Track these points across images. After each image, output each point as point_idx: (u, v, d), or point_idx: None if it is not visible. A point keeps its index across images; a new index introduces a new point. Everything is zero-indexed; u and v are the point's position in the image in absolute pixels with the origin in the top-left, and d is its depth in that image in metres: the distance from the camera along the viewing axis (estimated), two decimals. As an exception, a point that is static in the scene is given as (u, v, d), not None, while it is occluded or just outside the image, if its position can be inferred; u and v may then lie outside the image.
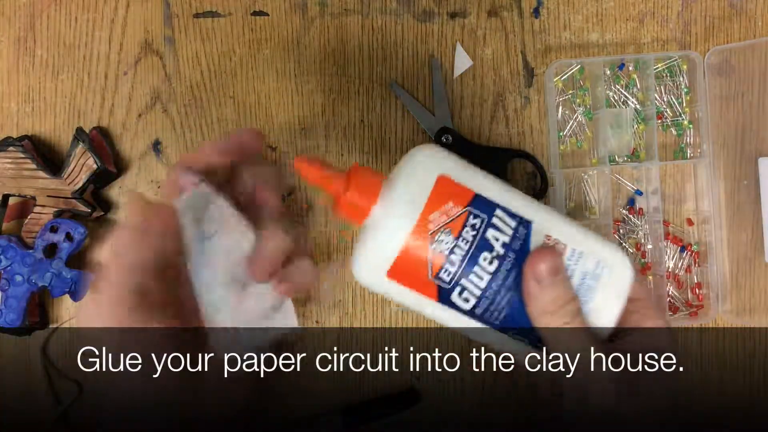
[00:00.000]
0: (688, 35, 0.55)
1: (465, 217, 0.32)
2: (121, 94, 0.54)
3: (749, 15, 0.55)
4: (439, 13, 0.54)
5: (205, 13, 0.54)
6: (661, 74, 0.54)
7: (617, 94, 0.54)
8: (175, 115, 0.54)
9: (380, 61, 0.54)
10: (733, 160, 0.54)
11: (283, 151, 0.54)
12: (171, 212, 0.32)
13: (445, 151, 0.35)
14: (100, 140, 0.53)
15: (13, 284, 0.50)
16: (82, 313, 0.37)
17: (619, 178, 0.55)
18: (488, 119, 0.54)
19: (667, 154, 0.55)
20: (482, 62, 0.54)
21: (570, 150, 0.54)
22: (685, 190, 0.55)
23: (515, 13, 0.54)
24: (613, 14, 0.55)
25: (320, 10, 0.54)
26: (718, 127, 0.54)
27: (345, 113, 0.54)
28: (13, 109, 0.54)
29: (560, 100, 0.54)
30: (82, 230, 0.50)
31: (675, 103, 0.54)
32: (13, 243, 0.50)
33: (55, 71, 0.54)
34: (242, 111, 0.54)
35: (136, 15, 0.54)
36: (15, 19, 0.54)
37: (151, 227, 0.32)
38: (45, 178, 0.51)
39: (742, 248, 0.54)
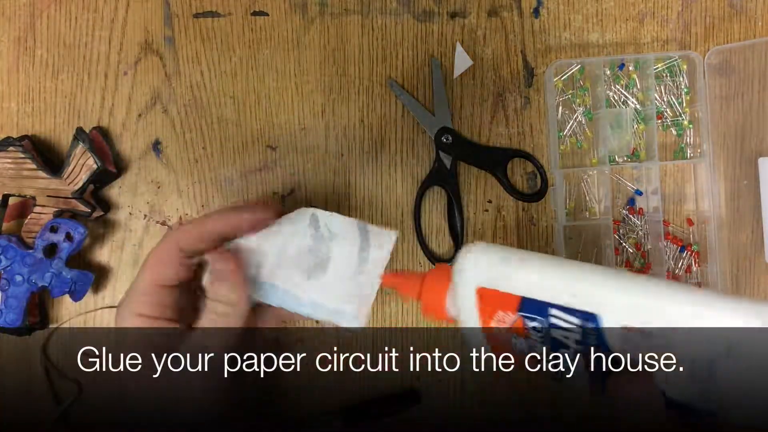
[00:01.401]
0: (688, 35, 0.55)
1: (521, 322, 0.30)
2: (121, 94, 0.54)
3: (749, 15, 0.55)
4: (439, 13, 0.54)
5: (205, 13, 0.54)
6: (661, 74, 0.54)
7: (617, 94, 0.54)
8: (175, 115, 0.54)
9: (380, 61, 0.54)
10: (733, 160, 0.54)
11: (283, 151, 0.54)
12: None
13: (489, 250, 0.32)
14: (100, 140, 0.53)
15: (13, 284, 0.50)
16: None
17: (619, 178, 0.55)
18: (488, 119, 0.54)
19: (667, 154, 0.55)
20: (482, 62, 0.54)
21: (570, 150, 0.54)
22: (685, 190, 0.55)
23: (515, 13, 0.54)
24: (613, 14, 0.55)
25: (320, 10, 0.54)
26: (718, 127, 0.54)
27: (345, 113, 0.54)
28: (13, 109, 0.54)
29: (560, 100, 0.54)
30: (82, 230, 0.50)
31: (675, 103, 0.54)
32: (13, 243, 0.50)
33: (55, 71, 0.54)
34: (242, 111, 0.54)
35: (136, 15, 0.54)
36: (15, 19, 0.54)
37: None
38: (45, 178, 0.51)
39: (742, 248, 0.54)
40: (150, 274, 0.38)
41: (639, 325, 0.27)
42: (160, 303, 0.37)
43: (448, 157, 0.53)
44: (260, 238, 0.39)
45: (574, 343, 0.29)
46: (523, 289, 0.30)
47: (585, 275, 0.30)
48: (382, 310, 0.54)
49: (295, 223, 0.40)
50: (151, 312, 0.36)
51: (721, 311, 0.26)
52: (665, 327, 0.27)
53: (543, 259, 0.32)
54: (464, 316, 0.33)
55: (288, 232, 0.40)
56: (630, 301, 0.28)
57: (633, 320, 0.27)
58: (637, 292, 0.28)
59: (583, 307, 0.29)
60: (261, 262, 0.39)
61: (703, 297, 0.27)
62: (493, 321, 0.31)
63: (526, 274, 0.31)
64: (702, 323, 0.26)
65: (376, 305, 0.54)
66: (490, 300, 0.31)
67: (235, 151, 0.54)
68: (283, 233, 0.40)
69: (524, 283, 0.30)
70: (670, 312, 0.27)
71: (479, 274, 0.32)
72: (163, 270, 0.38)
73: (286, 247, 0.39)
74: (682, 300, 0.27)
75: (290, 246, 0.39)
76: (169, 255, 0.38)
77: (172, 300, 0.38)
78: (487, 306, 0.31)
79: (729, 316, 0.26)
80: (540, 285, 0.30)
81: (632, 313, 0.28)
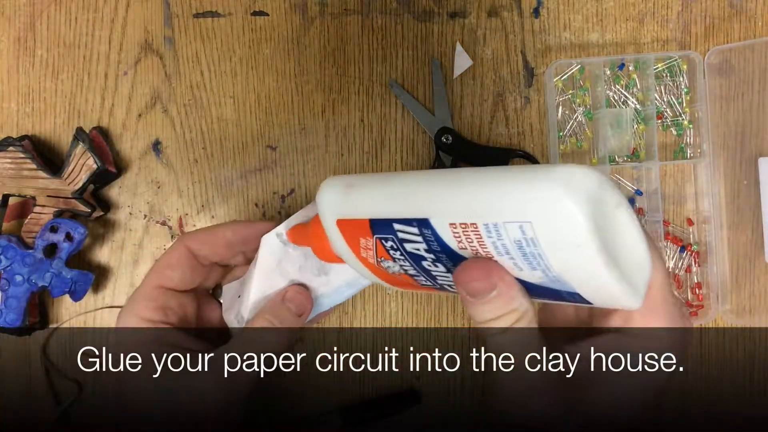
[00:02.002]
0: (688, 35, 0.55)
1: (380, 244, 0.30)
2: (121, 94, 0.54)
3: (749, 15, 0.55)
4: (439, 13, 0.54)
5: (205, 13, 0.54)
6: (661, 74, 0.54)
7: (617, 94, 0.54)
8: (175, 115, 0.54)
9: (380, 61, 0.54)
10: (733, 160, 0.54)
11: (283, 151, 0.54)
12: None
13: (338, 182, 0.32)
14: (100, 140, 0.53)
15: (13, 284, 0.50)
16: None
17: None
18: (488, 119, 0.54)
19: (667, 154, 0.55)
20: (482, 62, 0.54)
21: (570, 150, 0.54)
22: (685, 190, 0.55)
23: (515, 13, 0.54)
24: (613, 14, 0.55)
25: (320, 10, 0.54)
26: (718, 127, 0.54)
27: (345, 113, 0.54)
28: (13, 109, 0.54)
29: (560, 100, 0.54)
30: (82, 230, 0.50)
31: (675, 103, 0.54)
32: (13, 243, 0.50)
33: (55, 71, 0.54)
34: (242, 111, 0.54)
35: (136, 15, 0.54)
36: (15, 19, 0.54)
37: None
38: (45, 178, 0.51)
39: (742, 248, 0.54)
40: (156, 276, 0.38)
41: (460, 220, 0.27)
42: (162, 306, 0.37)
43: (448, 157, 0.53)
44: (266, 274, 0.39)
45: (426, 252, 0.29)
46: (367, 211, 0.30)
47: (414, 183, 0.30)
48: (382, 310, 0.54)
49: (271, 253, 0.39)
50: (152, 315, 0.36)
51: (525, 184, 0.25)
52: (481, 213, 0.26)
53: (382, 178, 0.32)
54: (340, 251, 0.33)
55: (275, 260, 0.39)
56: (449, 198, 0.28)
57: (455, 217, 0.27)
58: (456, 186, 0.28)
59: (414, 214, 0.28)
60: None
61: (505, 172, 0.27)
62: (361, 249, 0.31)
63: (367, 195, 0.31)
64: (506, 199, 0.25)
65: (376, 305, 0.54)
66: (349, 230, 0.31)
67: (235, 151, 0.54)
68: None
69: (367, 205, 0.31)
70: (481, 198, 0.26)
71: (333, 207, 0.32)
72: (169, 273, 0.38)
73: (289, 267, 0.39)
74: (487, 182, 0.27)
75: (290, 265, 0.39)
76: (178, 258, 0.38)
77: (176, 304, 0.38)
78: (350, 237, 0.31)
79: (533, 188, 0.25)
80: (380, 203, 0.30)
81: (453, 209, 0.27)
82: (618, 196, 0.26)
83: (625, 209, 0.26)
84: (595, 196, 0.25)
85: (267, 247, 0.38)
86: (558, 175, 0.24)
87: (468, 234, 0.27)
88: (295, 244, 0.38)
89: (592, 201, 0.24)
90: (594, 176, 0.25)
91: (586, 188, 0.24)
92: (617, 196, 0.26)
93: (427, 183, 0.29)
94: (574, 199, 0.24)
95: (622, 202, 0.26)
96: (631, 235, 0.27)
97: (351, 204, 0.31)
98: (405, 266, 0.31)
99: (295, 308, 0.37)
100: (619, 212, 0.26)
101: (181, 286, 0.38)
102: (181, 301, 0.38)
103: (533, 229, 0.25)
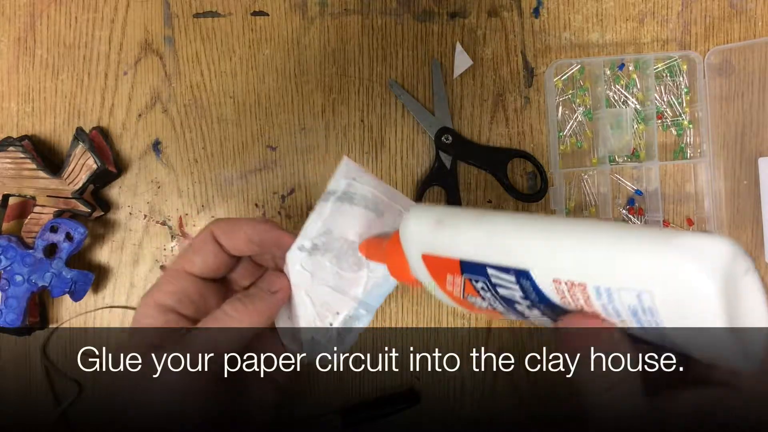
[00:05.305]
0: (688, 35, 0.55)
1: (469, 283, 0.29)
2: (121, 94, 0.54)
3: (749, 15, 0.55)
4: (439, 13, 0.54)
5: (205, 13, 0.54)
6: (661, 74, 0.54)
7: (617, 94, 0.54)
8: (175, 115, 0.54)
9: (380, 61, 0.54)
10: (733, 160, 0.54)
11: (283, 151, 0.54)
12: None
13: (426, 215, 0.31)
14: (100, 140, 0.53)
15: (13, 284, 0.50)
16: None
17: (619, 178, 0.55)
18: (488, 119, 0.54)
19: (667, 154, 0.55)
20: (482, 62, 0.54)
21: (570, 150, 0.54)
22: (685, 190, 0.55)
23: (515, 13, 0.54)
24: (613, 14, 0.55)
25: (320, 10, 0.54)
26: (718, 127, 0.54)
27: (345, 113, 0.54)
28: (13, 109, 0.54)
29: (560, 100, 0.54)
30: (82, 230, 0.50)
31: (675, 103, 0.54)
32: (13, 243, 0.50)
33: (55, 71, 0.54)
34: (242, 111, 0.54)
35: (136, 15, 0.54)
36: (15, 19, 0.54)
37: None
38: (45, 178, 0.51)
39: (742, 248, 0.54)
40: (181, 260, 0.38)
41: (566, 278, 0.25)
42: (181, 291, 0.36)
43: (448, 157, 0.53)
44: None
45: (521, 299, 0.28)
46: (459, 252, 0.29)
47: (512, 229, 0.28)
48: (382, 310, 0.54)
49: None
50: (166, 299, 0.36)
51: (643, 252, 0.24)
52: (593, 275, 0.25)
53: (475, 217, 0.30)
54: (423, 280, 0.32)
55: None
56: (556, 253, 0.26)
57: (561, 273, 0.25)
58: (562, 239, 0.26)
59: (513, 264, 0.27)
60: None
61: (622, 233, 0.25)
62: (447, 284, 0.30)
63: (458, 235, 0.30)
64: (624, 265, 0.24)
65: (376, 305, 0.54)
66: (435, 265, 0.30)
67: (235, 151, 0.54)
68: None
69: (458, 245, 0.29)
70: (593, 258, 0.25)
71: (420, 241, 0.31)
72: (192, 256, 0.37)
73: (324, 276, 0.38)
74: (602, 243, 0.25)
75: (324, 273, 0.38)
76: (204, 243, 0.38)
77: (195, 291, 0.37)
78: (436, 270, 0.30)
79: (651, 257, 0.24)
80: (473, 246, 0.29)
81: (559, 266, 0.26)
82: (748, 263, 0.25)
83: (753, 275, 0.25)
84: (728, 268, 0.24)
85: (296, 264, 0.37)
86: (687, 245, 0.23)
87: (574, 292, 0.25)
88: (368, 258, 0.37)
89: (725, 275, 0.23)
90: (727, 249, 0.24)
91: (720, 262, 0.23)
92: (747, 262, 0.25)
93: (528, 231, 0.27)
94: (708, 273, 0.23)
95: (751, 268, 0.25)
96: (755, 300, 0.26)
97: (440, 242, 0.30)
98: (494, 305, 0.29)
99: (267, 285, 0.37)
100: (747, 278, 0.25)
101: (203, 272, 0.38)
102: (202, 291, 0.37)
103: (652, 299, 0.24)
